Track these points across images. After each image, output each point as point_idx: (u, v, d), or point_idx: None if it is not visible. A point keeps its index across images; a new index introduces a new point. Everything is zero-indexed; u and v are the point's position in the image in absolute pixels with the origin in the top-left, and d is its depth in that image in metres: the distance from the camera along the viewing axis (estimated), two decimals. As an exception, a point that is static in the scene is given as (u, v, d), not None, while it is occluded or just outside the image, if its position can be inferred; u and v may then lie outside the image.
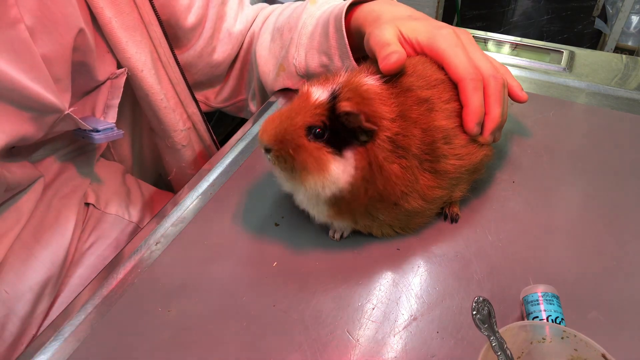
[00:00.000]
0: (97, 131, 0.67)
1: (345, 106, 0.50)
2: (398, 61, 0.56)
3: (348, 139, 0.52)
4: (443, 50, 0.60)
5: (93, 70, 0.69)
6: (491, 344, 0.42)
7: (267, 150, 0.53)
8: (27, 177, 0.65)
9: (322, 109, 0.51)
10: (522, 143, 0.75)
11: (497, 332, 0.43)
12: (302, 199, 0.57)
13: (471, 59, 0.59)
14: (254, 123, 0.82)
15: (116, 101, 0.71)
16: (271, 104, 0.86)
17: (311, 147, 0.51)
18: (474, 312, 0.44)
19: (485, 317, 0.44)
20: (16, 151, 0.66)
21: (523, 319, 0.50)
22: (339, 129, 0.51)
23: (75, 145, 0.76)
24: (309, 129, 0.52)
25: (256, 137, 0.78)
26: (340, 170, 0.51)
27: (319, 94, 0.53)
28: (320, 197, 0.54)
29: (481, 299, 0.45)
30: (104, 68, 0.71)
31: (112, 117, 0.71)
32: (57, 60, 0.61)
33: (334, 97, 0.52)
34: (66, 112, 0.61)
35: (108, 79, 0.72)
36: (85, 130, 0.67)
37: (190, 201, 0.68)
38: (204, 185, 0.71)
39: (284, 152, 0.52)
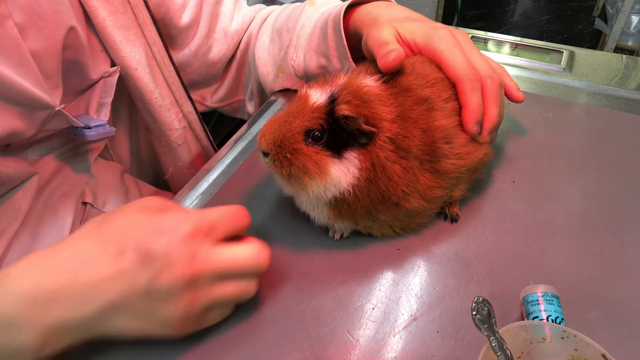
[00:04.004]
0: (89, 128, 0.67)
1: (343, 109, 0.50)
2: (397, 58, 0.56)
3: (348, 142, 0.52)
4: (441, 51, 0.60)
5: (86, 68, 0.69)
6: (491, 344, 0.42)
7: (265, 154, 0.53)
8: (21, 172, 0.65)
9: (320, 112, 0.51)
10: (522, 143, 0.75)
11: (497, 332, 0.43)
12: (303, 202, 0.57)
13: (469, 60, 0.59)
14: (253, 123, 0.82)
15: (109, 99, 0.71)
16: (271, 103, 0.86)
17: (309, 152, 0.51)
18: (474, 313, 0.44)
19: (485, 317, 0.44)
20: (10, 149, 0.66)
21: (523, 319, 0.50)
22: (338, 131, 0.51)
23: (72, 144, 0.76)
24: (307, 133, 0.52)
25: (256, 137, 0.78)
26: (341, 173, 0.51)
27: (317, 96, 0.53)
28: (321, 200, 0.54)
29: (481, 299, 0.45)
30: (97, 67, 0.71)
31: (104, 115, 0.71)
32: (47, 56, 0.61)
33: (333, 100, 0.52)
34: (57, 109, 0.61)
35: (102, 77, 0.72)
36: (77, 127, 0.67)
37: (190, 201, 0.68)
38: (204, 185, 0.70)
39: (281, 156, 0.52)
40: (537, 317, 0.49)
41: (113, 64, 0.73)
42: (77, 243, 0.45)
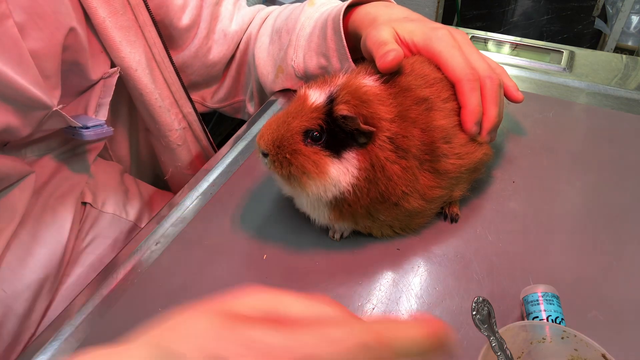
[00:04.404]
0: (87, 128, 0.68)
1: (342, 109, 0.50)
2: (395, 59, 0.56)
3: (346, 142, 0.52)
4: (439, 51, 0.60)
5: (86, 69, 0.69)
6: (491, 344, 0.42)
7: (264, 155, 0.53)
8: (17, 170, 0.65)
9: (319, 113, 0.51)
10: (522, 143, 0.75)
11: (497, 332, 0.43)
12: (302, 202, 0.57)
13: (467, 60, 0.59)
14: (253, 123, 0.82)
15: (107, 99, 0.72)
16: (271, 103, 0.86)
17: (308, 152, 0.51)
18: (474, 312, 0.44)
19: (485, 317, 0.44)
20: (8, 148, 0.66)
21: (523, 319, 0.50)
22: (336, 131, 0.51)
23: (70, 144, 0.76)
24: (306, 133, 0.52)
25: (256, 137, 0.78)
26: (340, 173, 0.51)
27: (316, 97, 0.53)
28: (322, 200, 0.54)
29: (481, 299, 0.45)
30: (97, 67, 0.71)
31: (103, 115, 0.71)
32: (47, 57, 0.61)
33: (331, 100, 0.52)
34: (54, 109, 0.62)
35: (101, 78, 0.72)
36: (75, 127, 0.67)
37: (190, 201, 0.68)
38: (204, 185, 0.70)
39: (280, 156, 0.52)
40: (537, 317, 0.48)
41: (113, 65, 0.73)
42: None
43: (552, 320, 0.48)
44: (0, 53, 0.54)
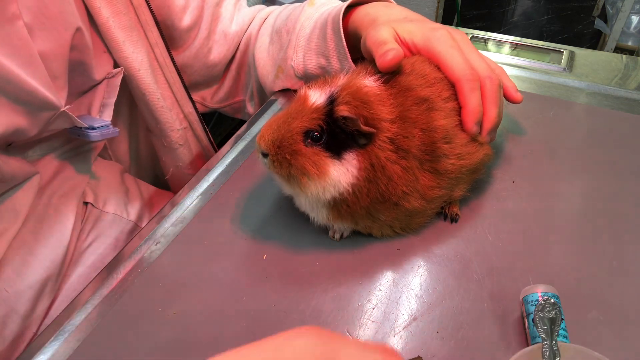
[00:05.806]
0: (93, 129, 0.68)
1: (342, 110, 0.50)
2: (395, 58, 0.56)
3: (347, 142, 0.52)
4: (439, 52, 0.60)
5: (90, 69, 0.69)
6: (544, 350, 0.40)
7: (264, 155, 0.54)
8: (22, 171, 0.65)
9: (320, 113, 0.52)
10: (522, 143, 0.75)
11: (555, 341, 0.41)
12: (302, 202, 0.57)
13: (467, 60, 0.60)
14: (253, 123, 0.82)
15: (112, 100, 0.72)
16: (271, 103, 0.86)
17: (308, 152, 0.51)
18: (537, 310, 0.42)
19: (549, 319, 0.42)
20: (12, 148, 0.66)
21: (523, 319, 0.51)
22: (337, 132, 0.51)
23: (72, 144, 0.76)
24: (307, 134, 0.52)
25: (256, 137, 0.78)
26: (340, 173, 0.51)
27: (317, 97, 0.53)
28: (321, 200, 0.54)
29: (552, 300, 0.44)
30: (101, 67, 0.71)
31: (107, 116, 0.71)
32: (55, 57, 0.61)
33: (332, 101, 0.52)
34: (62, 110, 0.62)
35: (105, 78, 0.72)
36: (81, 128, 0.67)
37: (190, 201, 0.68)
38: (204, 185, 0.71)
39: (280, 157, 0.52)
40: (537, 317, 0.49)
41: (116, 65, 0.73)
42: None
43: (552, 320, 0.48)
44: (11, 54, 0.54)
